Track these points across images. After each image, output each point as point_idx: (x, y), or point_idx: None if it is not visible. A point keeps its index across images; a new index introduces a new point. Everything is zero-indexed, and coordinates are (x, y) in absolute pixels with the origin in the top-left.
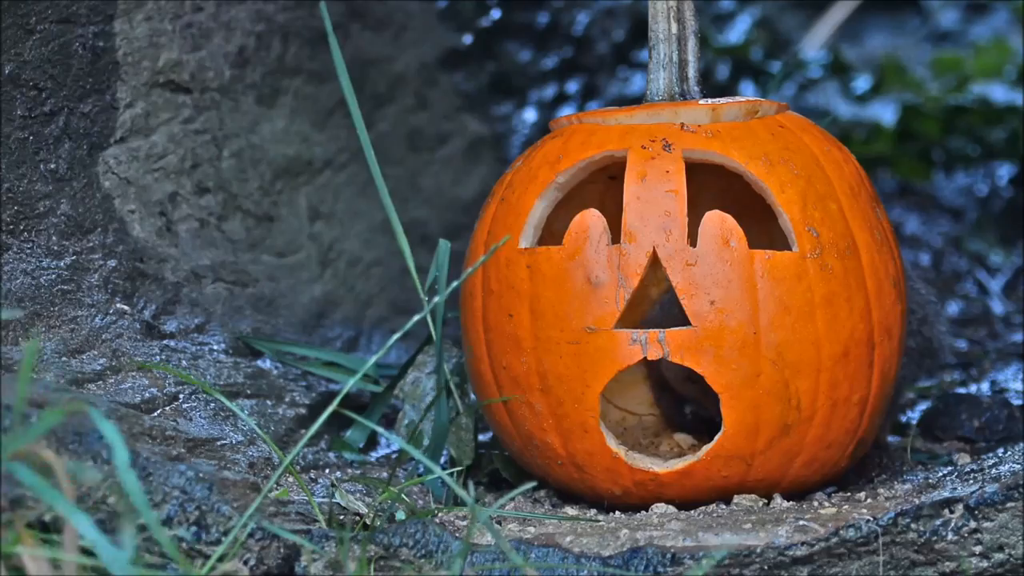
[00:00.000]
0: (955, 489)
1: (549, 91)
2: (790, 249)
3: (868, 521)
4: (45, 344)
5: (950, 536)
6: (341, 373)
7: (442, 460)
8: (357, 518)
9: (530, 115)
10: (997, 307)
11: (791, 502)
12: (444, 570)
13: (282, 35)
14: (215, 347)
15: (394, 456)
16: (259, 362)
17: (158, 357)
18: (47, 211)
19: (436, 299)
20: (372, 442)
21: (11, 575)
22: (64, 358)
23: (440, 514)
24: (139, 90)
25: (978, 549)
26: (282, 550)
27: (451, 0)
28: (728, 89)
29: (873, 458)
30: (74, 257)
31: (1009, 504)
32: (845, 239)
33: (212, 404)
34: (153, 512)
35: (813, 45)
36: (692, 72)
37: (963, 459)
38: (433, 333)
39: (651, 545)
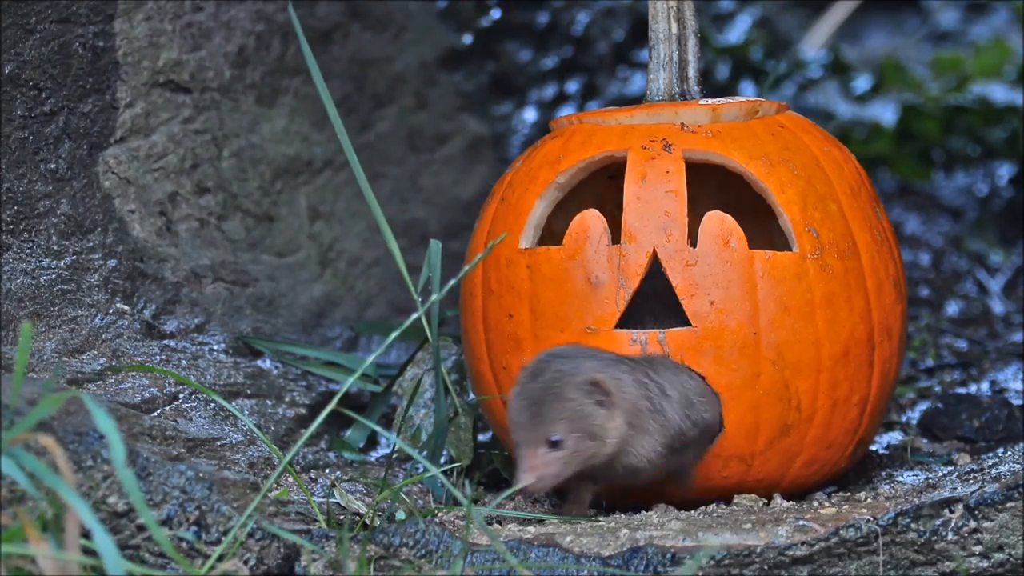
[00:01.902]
0: (955, 489)
1: (549, 91)
2: (790, 249)
3: (868, 521)
4: (45, 344)
5: (950, 536)
6: (341, 373)
7: (442, 460)
8: (357, 518)
9: (530, 115)
10: (997, 307)
11: (791, 502)
12: (444, 570)
13: (282, 35)
14: (215, 347)
15: (395, 456)
16: (259, 362)
17: (158, 357)
18: (47, 211)
19: (432, 299)
20: (372, 442)
21: (11, 575)
22: (64, 358)
23: (440, 514)
24: (139, 90)
25: (978, 549)
26: (282, 550)
27: (451, 0)
28: (728, 89)
29: (873, 458)
30: (74, 257)
31: (1009, 504)
32: (845, 239)
33: (212, 404)
34: (151, 511)
35: (813, 45)
36: (692, 72)
37: (963, 459)
38: (429, 334)
39: (651, 545)
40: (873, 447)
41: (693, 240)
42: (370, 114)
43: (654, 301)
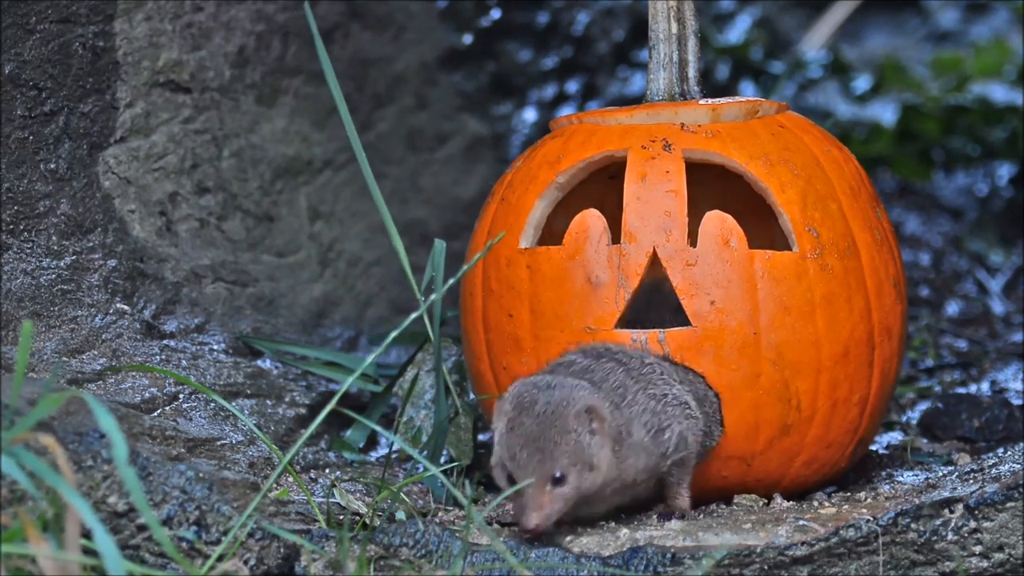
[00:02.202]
0: (955, 489)
1: (549, 91)
2: (790, 249)
3: (868, 521)
4: (45, 344)
5: (950, 536)
6: (341, 373)
7: (442, 460)
8: (357, 518)
9: (530, 115)
10: (997, 307)
11: (791, 502)
12: (444, 570)
13: (282, 35)
14: (215, 347)
15: (395, 456)
16: (259, 362)
17: (158, 357)
18: (47, 211)
19: (432, 298)
20: (372, 442)
21: (11, 575)
22: (64, 358)
23: (440, 514)
24: (139, 90)
25: (978, 549)
26: (282, 550)
27: (451, 0)
28: (728, 89)
29: (873, 458)
30: (74, 257)
31: (1009, 504)
32: (845, 239)
33: (212, 404)
34: (152, 511)
35: (813, 45)
36: (692, 72)
37: (963, 459)
38: (431, 333)
39: (651, 545)
40: (873, 447)
41: (693, 240)
42: (370, 114)
43: (656, 300)
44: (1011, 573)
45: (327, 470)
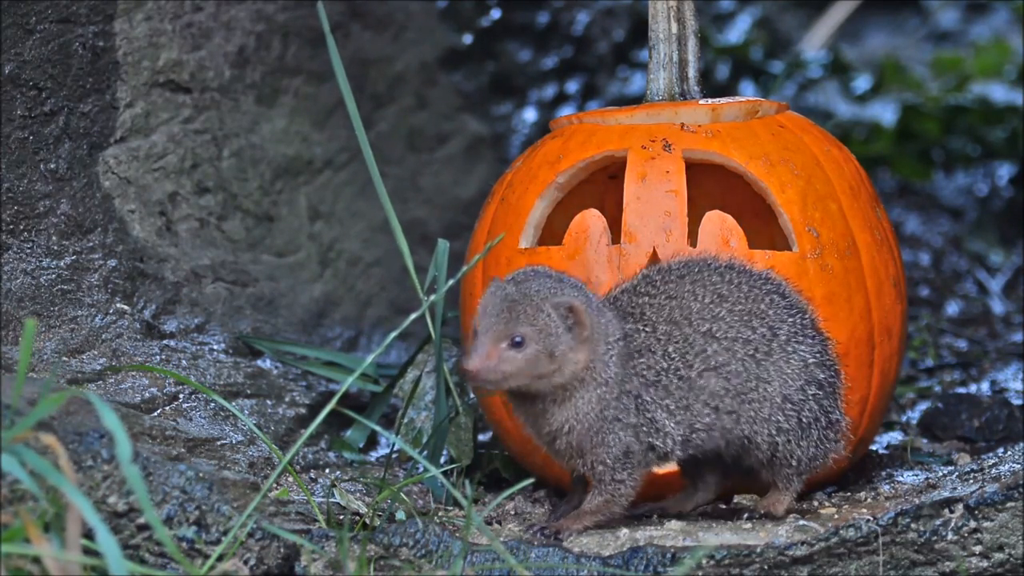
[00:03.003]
0: (955, 489)
1: (549, 91)
2: (790, 249)
3: (868, 521)
4: (45, 344)
5: (950, 536)
6: (341, 373)
7: (442, 460)
8: (357, 518)
9: (530, 115)
10: (997, 307)
11: None
12: (444, 570)
13: (282, 35)
14: (215, 347)
15: (395, 456)
16: (259, 362)
17: (158, 357)
18: (47, 211)
19: (433, 297)
20: (372, 442)
21: (11, 575)
22: (64, 358)
23: (440, 514)
24: (139, 90)
25: (978, 549)
26: (282, 550)
27: (451, 0)
28: (728, 89)
29: (873, 458)
30: (74, 257)
31: (1009, 504)
32: (845, 239)
33: (212, 404)
34: (155, 510)
35: (813, 45)
36: (692, 72)
37: (963, 459)
38: (432, 332)
39: (651, 544)
40: (873, 447)
41: (693, 240)
42: (370, 114)
43: None
44: (1011, 573)
45: (327, 470)
